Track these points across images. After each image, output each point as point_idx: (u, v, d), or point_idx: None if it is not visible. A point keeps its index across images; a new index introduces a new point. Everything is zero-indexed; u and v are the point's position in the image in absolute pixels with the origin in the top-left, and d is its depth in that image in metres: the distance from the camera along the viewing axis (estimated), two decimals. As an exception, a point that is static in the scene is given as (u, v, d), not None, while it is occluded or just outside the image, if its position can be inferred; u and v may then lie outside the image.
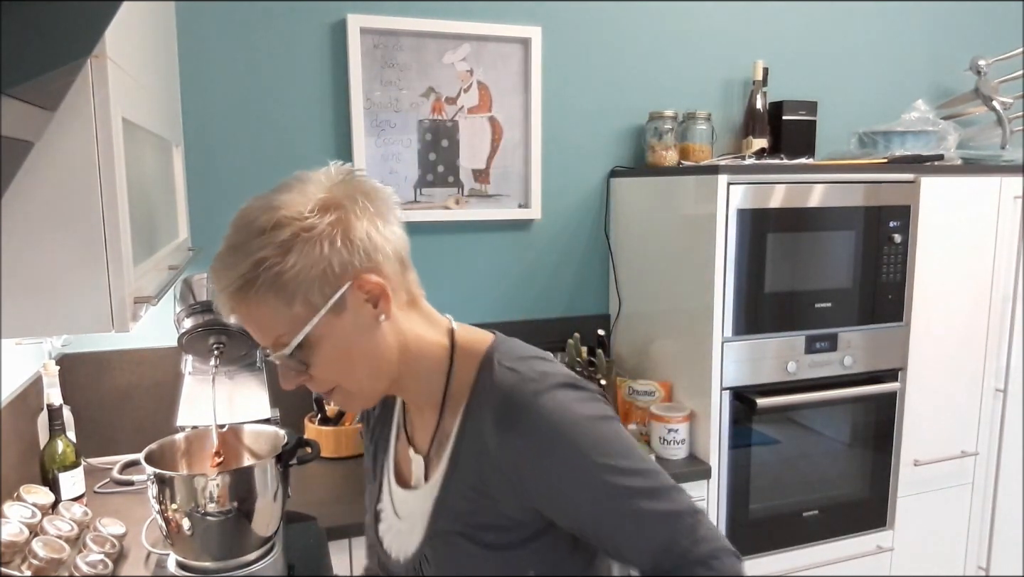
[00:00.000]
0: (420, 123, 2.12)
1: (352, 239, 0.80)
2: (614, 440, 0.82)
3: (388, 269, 0.83)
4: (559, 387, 0.83)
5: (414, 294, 0.89)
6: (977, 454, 2.22)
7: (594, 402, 0.84)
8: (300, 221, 0.78)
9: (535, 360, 0.87)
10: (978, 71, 2.41)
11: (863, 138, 2.25)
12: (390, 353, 0.86)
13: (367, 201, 0.82)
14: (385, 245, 0.82)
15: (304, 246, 0.78)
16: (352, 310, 0.82)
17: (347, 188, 0.83)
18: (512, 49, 2.17)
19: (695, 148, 2.24)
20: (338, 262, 0.79)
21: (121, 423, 1.94)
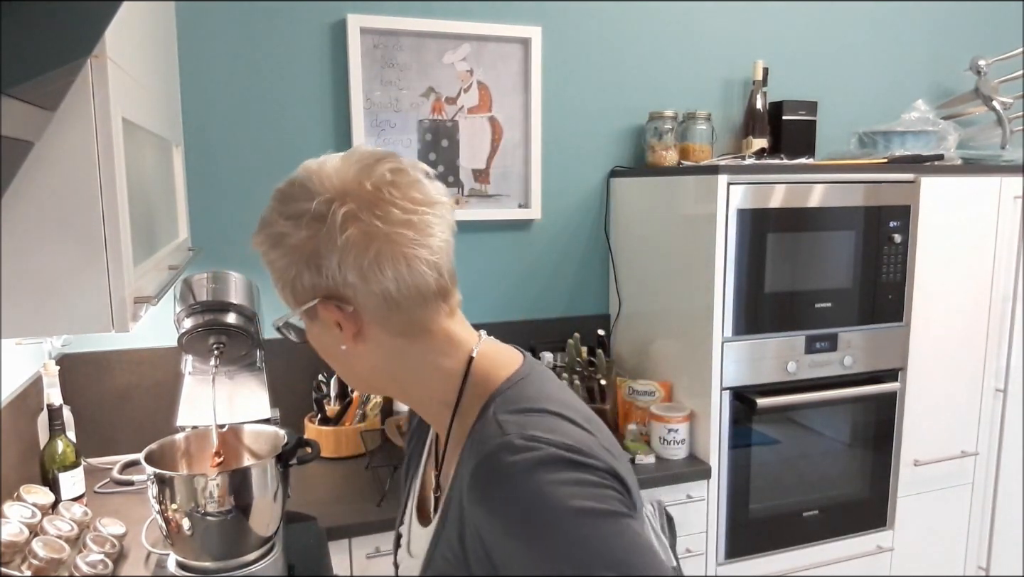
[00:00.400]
0: (420, 123, 2.12)
1: (320, 265, 0.75)
2: (601, 545, 0.66)
3: (364, 304, 0.76)
4: (549, 463, 0.68)
5: (424, 325, 0.79)
6: (977, 454, 2.22)
7: (592, 488, 0.68)
8: (283, 224, 0.76)
9: (538, 415, 0.74)
10: (978, 71, 2.41)
11: (863, 138, 2.25)
12: (367, 372, 0.82)
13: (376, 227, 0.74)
14: (363, 283, 0.75)
15: (282, 249, 0.77)
16: (322, 323, 0.79)
17: (371, 197, 0.75)
18: (512, 49, 2.17)
19: (695, 148, 2.24)
20: (307, 280, 0.76)
21: (121, 423, 1.94)
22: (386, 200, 0.75)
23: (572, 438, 0.71)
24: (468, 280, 2.24)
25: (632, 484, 0.75)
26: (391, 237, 0.74)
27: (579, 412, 0.77)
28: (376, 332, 0.78)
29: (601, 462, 0.70)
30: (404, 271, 0.75)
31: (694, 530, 1.92)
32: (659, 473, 1.85)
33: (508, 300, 2.28)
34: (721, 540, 1.95)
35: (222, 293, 1.47)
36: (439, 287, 0.78)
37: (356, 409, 1.98)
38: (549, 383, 0.81)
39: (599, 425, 0.79)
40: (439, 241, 0.77)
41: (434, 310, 0.79)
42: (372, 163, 0.77)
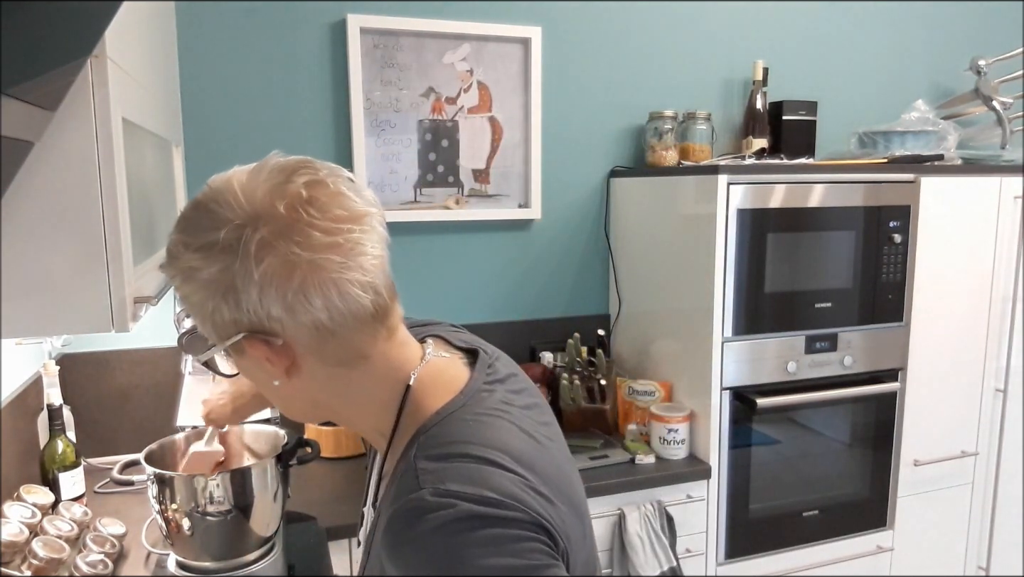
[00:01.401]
0: (420, 123, 2.12)
1: (238, 300, 0.68)
2: (468, 567, 0.62)
3: (294, 337, 0.70)
4: (464, 520, 0.63)
5: (362, 351, 0.73)
6: (977, 454, 2.22)
7: (510, 544, 0.64)
8: (191, 257, 0.69)
9: (459, 461, 0.67)
10: (978, 71, 2.41)
11: (863, 138, 2.25)
12: (305, 404, 0.78)
13: (297, 255, 0.66)
14: (290, 316, 0.68)
15: (195, 284, 0.69)
16: (250, 358, 0.72)
17: (287, 219, 0.67)
18: (512, 49, 2.17)
19: (695, 148, 2.24)
20: (227, 314, 0.69)
21: (121, 423, 1.94)
22: (304, 222, 0.67)
23: (492, 487, 0.65)
24: (468, 280, 2.24)
25: (563, 527, 0.69)
26: (315, 264, 0.67)
27: (509, 452, 0.70)
28: (311, 363, 0.72)
29: (523, 513, 0.65)
30: (335, 298, 0.68)
31: (694, 530, 1.92)
32: (659, 473, 1.85)
33: (508, 300, 2.28)
34: (721, 540, 1.95)
35: (222, 293, 1.46)
36: (376, 308, 0.71)
37: (356, 409, 1.98)
38: (482, 418, 0.73)
39: (538, 460, 0.72)
40: (371, 260, 0.70)
41: (371, 334, 0.72)
42: (284, 180, 0.69)
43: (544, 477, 0.71)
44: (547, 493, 0.69)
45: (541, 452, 0.74)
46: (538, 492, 0.68)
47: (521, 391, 0.83)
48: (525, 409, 0.80)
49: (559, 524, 0.69)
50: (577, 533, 0.74)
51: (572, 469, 0.81)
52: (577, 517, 0.75)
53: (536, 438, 0.76)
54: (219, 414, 1.28)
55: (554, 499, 0.70)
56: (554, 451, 0.78)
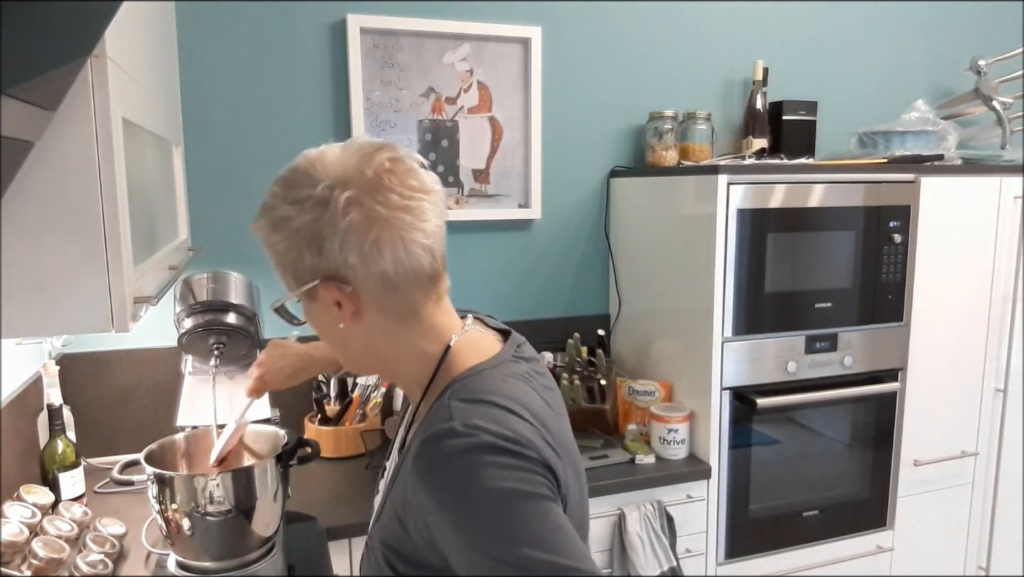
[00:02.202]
0: (420, 123, 2.12)
1: (322, 248, 0.80)
2: (526, 521, 0.71)
3: (363, 285, 0.81)
4: (484, 449, 0.73)
5: (415, 308, 0.85)
6: (977, 454, 2.22)
7: (520, 472, 0.73)
8: (287, 208, 0.81)
9: (484, 406, 0.78)
10: (978, 71, 2.41)
11: (863, 138, 2.25)
12: (360, 349, 0.88)
13: (377, 211, 0.79)
14: (363, 264, 0.80)
15: (285, 232, 0.82)
16: (322, 303, 0.84)
17: (370, 184, 0.79)
18: (512, 49, 2.17)
19: (695, 148, 2.24)
20: (308, 262, 0.81)
21: (121, 423, 1.94)
22: (385, 186, 0.80)
23: (511, 429, 0.75)
24: (468, 280, 2.24)
25: (565, 477, 0.79)
26: (390, 221, 0.79)
27: (528, 408, 0.80)
28: (372, 313, 0.83)
29: (534, 452, 0.75)
30: (402, 254, 0.80)
31: (694, 530, 1.92)
32: (659, 473, 1.85)
33: (508, 300, 2.28)
34: (721, 540, 1.95)
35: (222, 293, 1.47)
36: (432, 270, 0.84)
37: (356, 409, 1.98)
38: (508, 379, 0.84)
39: (551, 422, 0.83)
40: (433, 226, 0.82)
41: (424, 293, 0.85)
42: (371, 152, 0.81)
43: (555, 436, 0.81)
44: (556, 448, 0.80)
45: (556, 418, 0.85)
46: (549, 444, 0.79)
47: (543, 373, 0.93)
48: (544, 388, 0.90)
49: (563, 476, 0.79)
50: (575, 496, 0.83)
51: (576, 449, 0.90)
52: (577, 482, 0.85)
53: (551, 407, 0.87)
54: (276, 376, 1.26)
55: (562, 456, 0.80)
56: (565, 423, 0.89)
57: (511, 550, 0.70)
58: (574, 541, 0.73)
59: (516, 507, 0.72)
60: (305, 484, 1.75)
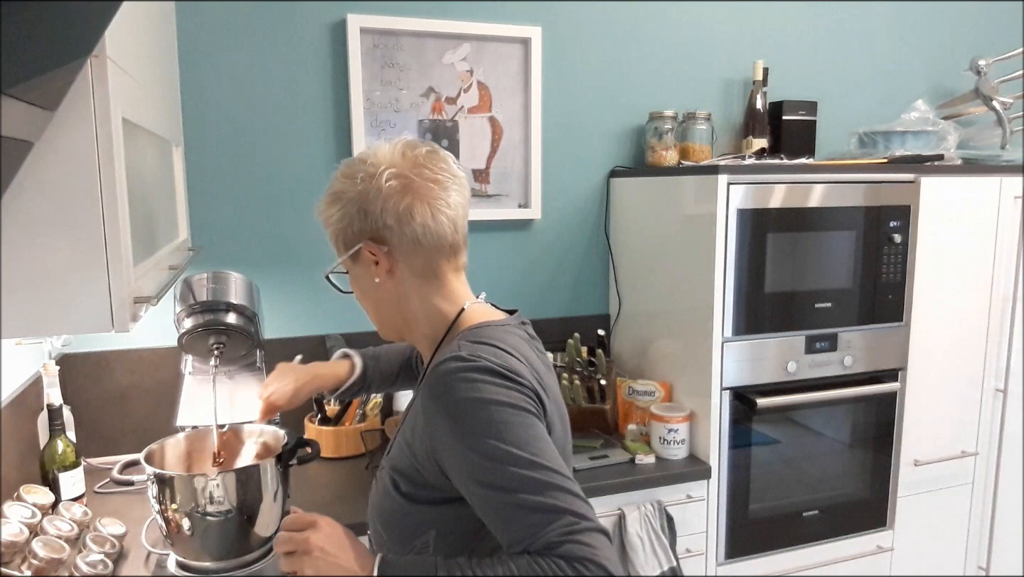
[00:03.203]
0: (420, 123, 2.12)
1: (367, 212, 0.98)
2: (514, 427, 0.86)
3: (396, 244, 0.99)
4: (483, 371, 0.89)
5: (437, 270, 1.02)
6: (977, 454, 2.22)
7: (511, 391, 0.89)
8: (343, 182, 1.01)
9: (487, 346, 0.94)
10: (978, 71, 2.41)
11: (863, 138, 2.25)
12: (390, 307, 1.04)
13: (413, 180, 0.98)
14: (398, 225, 0.98)
15: (340, 203, 1.01)
16: (363, 264, 1.02)
17: (409, 164, 1.00)
18: (512, 49, 2.17)
19: (695, 148, 2.24)
20: (356, 226, 1.00)
21: (121, 423, 1.94)
22: (421, 164, 1.00)
23: (507, 363, 0.92)
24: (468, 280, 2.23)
25: (551, 416, 0.96)
26: (421, 192, 0.98)
27: (525, 357, 0.97)
28: (402, 271, 1.01)
29: (526, 380, 0.92)
30: (429, 220, 0.98)
31: (694, 530, 1.92)
32: (659, 473, 1.85)
33: (508, 300, 2.28)
34: (721, 540, 1.95)
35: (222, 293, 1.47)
36: (453, 240, 1.02)
37: (356, 409, 1.98)
38: (511, 334, 1.00)
39: (544, 374, 1.00)
40: (455, 201, 1.01)
41: (447, 259, 1.02)
42: (414, 144, 1.03)
43: (546, 385, 0.98)
44: (546, 390, 0.97)
45: (548, 373, 1.03)
46: (539, 383, 0.95)
47: (542, 352, 1.08)
48: (540, 353, 1.07)
49: (550, 412, 0.96)
50: (559, 439, 0.99)
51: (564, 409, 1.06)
52: (562, 427, 1.02)
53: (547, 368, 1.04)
54: (280, 395, 1.32)
55: (550, 396, 0.98)
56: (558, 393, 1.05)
57: (499, 448, 0.85)
58: (553, 452, 0.87)
59: (506, 415, 0.87)
60: (305, 484, 1.75)
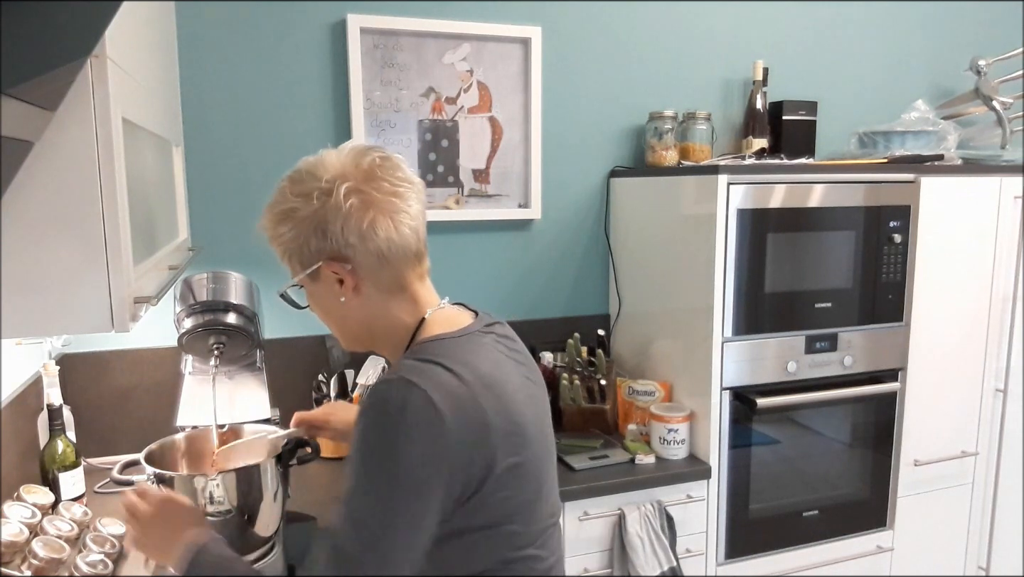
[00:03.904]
0: (420, 123, 2.12)
1: (326, 231, 0.94)
2: (379, 485, 0.86)
3: (361, 261, 0.96)
4: (401, 383, 0.88)
5: (402, 281, 0.99)
6: (977, 454, 2.22)
7: (419, 442, 0.85)
8: (294, 200, 0.95)
9: (427, 364, 0.91)
10: (978, 71, 2.41)
11: (863, 138, 2.25)
12: (355, 323, 1.02)
13: (373, 196, 0.94)
14: (361, 243, 0.94)
15: (292, 222, 0.96)
16: (324, 282, 0.99)
17: (364, 176, 0.95)
18: (512, 49, 2.17)
19: (695, 148, 2.24)
20: (314, 245, 0.96)
21: (121, 423, 1.94)
22: (378, 176, 0.95)
23: (440, 390, 0.87)
24: (468, 280, 2.24)
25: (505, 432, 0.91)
26: (383, 205, 0.95)
27: (476, 371, 0.92)
28: (367, 288, 0.98)
29: (450, 418, 0.86)
30: (393, 233, 0.95)
31: (694, 530, 1.92)
32: (659, 473, 1.85)
33: (508, 300, 2.28)
34: (721, 540, 1.95)
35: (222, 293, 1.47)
36: (417, 248, 1.00)
37: (356, 409, 1.98)
38: (467, 344, 0.96)
39: (505, 384, 0.94)
40: (416, 210, 0.99)
41: (411, 268, 1.00)
42: (362, 151, 0.98)
43: (505, 397, 0.93)
44: (499, 407, 0.91)
45: (520, 384, 0.98)
46: (483, 404, 0.89)
47: (515, 347, 1.06)
48: (514, 352, 1.04)
49: (498, 429, 0.90)
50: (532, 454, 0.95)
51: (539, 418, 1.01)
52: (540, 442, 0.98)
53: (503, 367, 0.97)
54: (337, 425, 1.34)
55: (509, 414, 0.92)
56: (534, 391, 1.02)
57: (353, 494, 0.88)
58: (399, 528, 0.86)
59: (386, 465, 0.85)
60: (305, 484, 1.75)
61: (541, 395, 1.06)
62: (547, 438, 1.03)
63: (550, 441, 1.05)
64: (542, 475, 0.99)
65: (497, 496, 0.91)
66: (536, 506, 0.98)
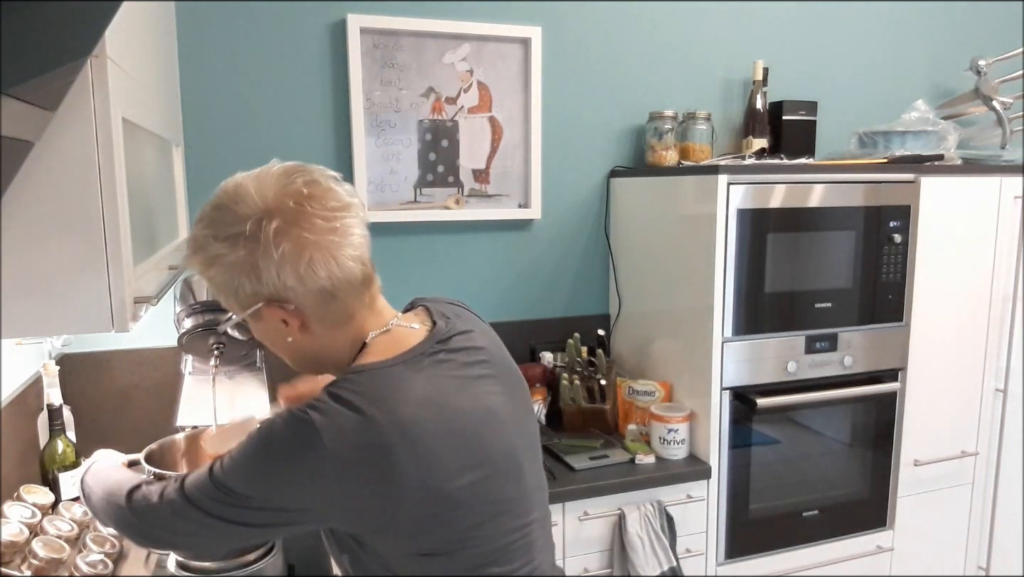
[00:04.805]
0: (420, 123, 2.12)
1: (260, 277, 0.88)
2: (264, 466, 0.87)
3: (304, 302, 0.91)
4: (296, 419, 0.86)
5: (350, 312, 0.95)
6: (977, 454, 2.22)
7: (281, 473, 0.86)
8: (218, 246, 0.88)
9: (331, 400, 0.87)
10: (978, 71, 2.41)
11: (863, 138, 2.25)
12: (306, 357, 0.99)
13: (306, 237, 0.87)
14: (301, 285, 0.89)
15: (220, 267, 0.90)
16: (267, 322, 0.94)
17: (293, 213, 0.87)
18: (512, 49, 2.17)
19: (695, 148, 2.24)
20: (249, 289, 0.90)
21: (121, 423, 1.94)
22: (308, 213, 0.88)
23: (332, 426, 0.84)
24: (468, 280, 2.24)
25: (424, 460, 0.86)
26: (320, 244, 0.88)
27: (390, 412, 0.86)
28: (314, 324, 0.93)
29: (331, 448, 0.83)
30: (335, 269, 0.89)
31: (694, 530, 1.92)
32: (659, 473, 1.85)
33: (508, 300, 2.28)
34: (721, 540, 1.95)
35: (222, 293, 1.46)
36: (364, 276, 0.94)
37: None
38: (391, 377, 0.90)
39: (415, 425, 0.87)
40: (358, 238, 0.92)
41: (359, 297, 0.94)
42: (287, 181, 0.89)
43: (418, 434, 0.86)
44: (402, 447, 0.85)
45: (440, 409, 0.90)
46: (385, 444, 0.85)
47: (473, 363, 0.98)
48: (463, 369, 0.96)
49: (400, 477, 0.85)
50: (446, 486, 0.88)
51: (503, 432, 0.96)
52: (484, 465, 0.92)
53: (439, 396, 0.91)
54: None
55: (410, 453, 0.85)
56: (469, 414, 0.93)
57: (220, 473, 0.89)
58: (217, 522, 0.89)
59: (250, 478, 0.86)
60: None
61: (510, 403, 1.00)
62: (511, 454, 0.97)
63: (519, 455, 0.98)
64: (496, 496, 0.94)
65: (427, 524, 0.88)
66: (491, 527, 0.93)
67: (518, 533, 0.98)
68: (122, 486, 1.01)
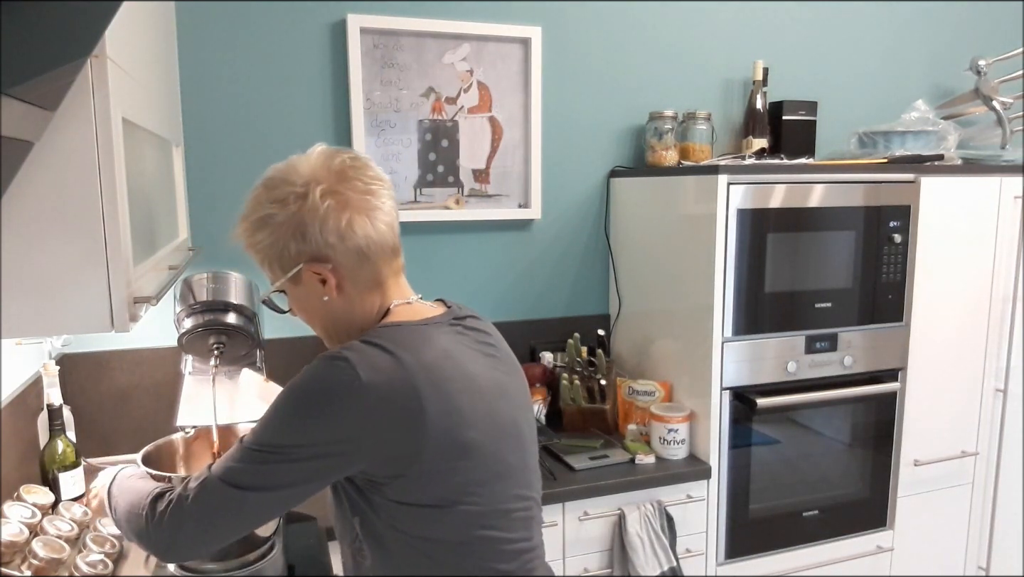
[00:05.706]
0: (420, 123, 2.12)
1: (305, 234, 0.96)
2: (305, 407, 0.92)
3: (341, 261, 0.98)
4: (331, 357, 0.92)
5: (380, 277, 1.02)
6: (977, 454, 2.22)
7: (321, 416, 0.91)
8: (270, 207, 0.97)
9: (367, 345, 0.94)
10: (978, 71, 2.41)
11: (863, 138, 2.25)
12: (338, 321, 1.04)
13: (348, 196, 0.97)
14: (341, 242, 0.97)
15: (268, 229, 0.98)
16: (306, 284, 1.01)
17: (337, 177, 0.97)
18: (512, 49, 2.17)
19: (695, 148, 2.24)
20: (293, 249, 0.97)
21: (121, 423, 1.94)
22: (350, 177, 0.98)
23: (365, 362, 0.91)
24: (468, 280, 2.24)
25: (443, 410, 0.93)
26: (359, 206, 0.97)
27: (417, 353, 0.94)
28: (348, 286, 1.00)
29: (366, 381, 0.90)
30: (370, 229, 0.98)
31: (694, 530, 1.92)
32: (659, 473, 1.85)
33: (508, 300, 2.28)
34: (721, 540, 1.95)
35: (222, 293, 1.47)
36: (394, 243, 1.03)
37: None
38: (415, 333, 0.98)
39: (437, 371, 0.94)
40: (389, 206, 1.01)
41: (388, 264, 1.02)
42: (332, 154, 1.00)
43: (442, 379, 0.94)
44: (427, 389, 0.92)
45: (459, 365, 0.98)
46: (414, 384, 0.91)
47: (485, 343, 1.07)
48: (478, 345, 1.05)
49: (426, 416, 0.91)
50: (480, 434, 0.96)
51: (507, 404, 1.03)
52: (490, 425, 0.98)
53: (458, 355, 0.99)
54: None
55: (434, 395, 0.92)
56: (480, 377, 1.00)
57: (267, 427, 0.93)
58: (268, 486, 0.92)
59: (298, 399, 0.92)
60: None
61: (515, 385, 1.07)
62: (515, 424, 1.04)
63: (522, 428, 1.06)
64: (501, 457, 1.00)
65: (441, 470, 0.94)
66: (495, 487, 0.99)
67: (520, 503, 1.03)
68: (143, 495, 1.02)
